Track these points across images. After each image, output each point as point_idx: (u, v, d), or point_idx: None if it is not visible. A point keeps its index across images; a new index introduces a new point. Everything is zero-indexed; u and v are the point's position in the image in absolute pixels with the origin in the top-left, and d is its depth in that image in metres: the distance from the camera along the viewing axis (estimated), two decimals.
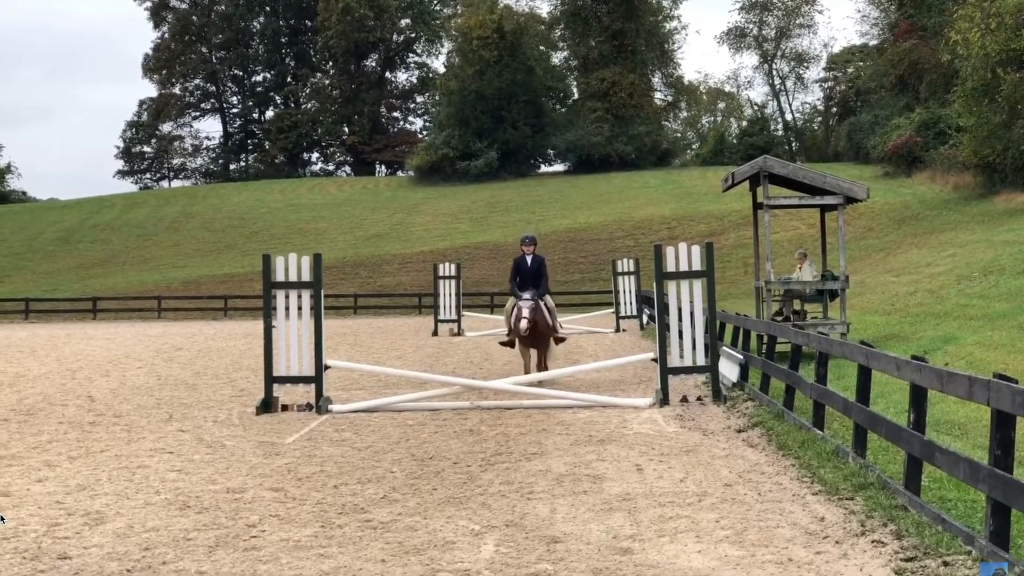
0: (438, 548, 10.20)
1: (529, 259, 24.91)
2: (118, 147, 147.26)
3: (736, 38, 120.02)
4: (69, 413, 20.85)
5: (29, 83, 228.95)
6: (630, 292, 48.56)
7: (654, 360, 21.41)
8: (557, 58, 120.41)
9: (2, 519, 11.55)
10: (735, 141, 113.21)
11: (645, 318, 45.92)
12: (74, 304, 75.63)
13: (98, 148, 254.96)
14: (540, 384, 22.87)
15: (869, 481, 12.14)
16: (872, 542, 10.05)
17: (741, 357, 22.84)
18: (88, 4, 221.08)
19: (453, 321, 46.47)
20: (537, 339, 24.44)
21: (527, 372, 24.23)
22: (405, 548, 10.20)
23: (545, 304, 24.42)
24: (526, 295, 24.12)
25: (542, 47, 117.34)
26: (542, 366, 24.54)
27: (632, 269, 48.92)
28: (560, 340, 25.59)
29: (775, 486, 12.71)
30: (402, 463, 14.80)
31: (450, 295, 47.24)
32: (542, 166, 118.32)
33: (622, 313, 47.97)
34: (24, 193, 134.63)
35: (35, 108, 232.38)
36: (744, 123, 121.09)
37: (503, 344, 26.40)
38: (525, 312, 23.78)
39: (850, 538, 10.25)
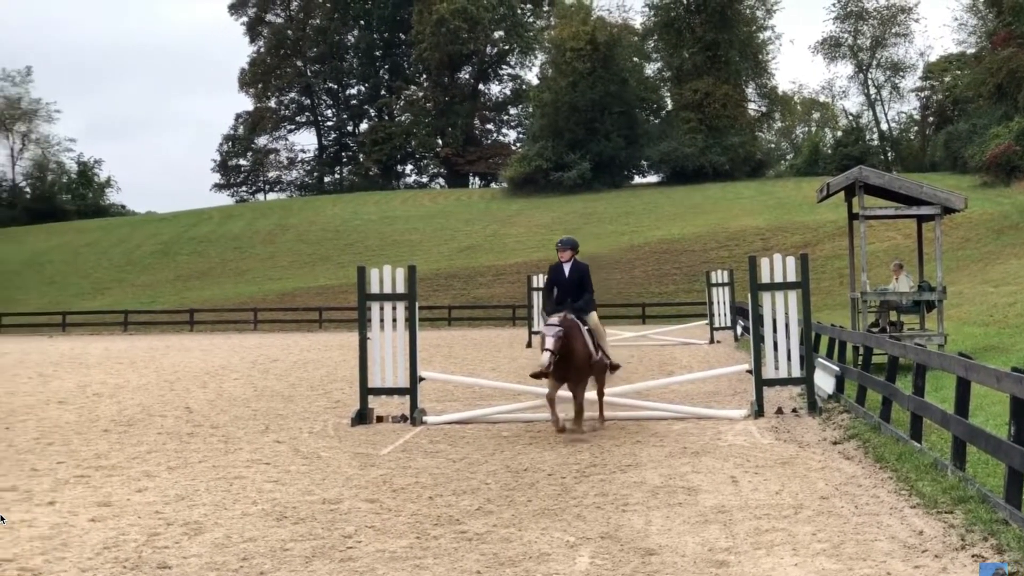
0: (533, 560, 10.20)
1: (567, 267, 19.90)
2: (215, 160, 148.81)
3: (831, 48, 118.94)
4: (168, 424, 21.08)
5: (129, 98, 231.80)
6: (724, 303, 48.44)
7: (749, 372, 21.32)
8: (650, 69, 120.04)
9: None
10: (830, 151, 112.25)
11: (739, 329, 45.71)
12: (172, 316, 76.64)
13: (195, 162, 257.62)
14: (631, 395, 22.72)
15: (969, 494, 11.99)
16: (972, 556, 9.92)
17: (837, 369, 22.64)
18: (187, 19, 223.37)
19: None
20: (572, 370, 18.86)
21: (555, 422, 18.88)
22: (500, 560, 10.21)
23: (586, 324, 19.22)
24: (553, 319, 18.79)
25: (635, 58, 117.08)
26: (580, 409, 19.22)
27: (726, 280, 48.77)
28: (614, 368, 20.14)
29: (872, 499, 12.58)
30: (497, 475, 14.82)
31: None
32: (635, 177, 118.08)
33: (716, 324, 47.86)
34: (123, 206, 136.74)
35: (134, 122, 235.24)
36: (839, 133, 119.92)
37: (533, 376, 19.69)
38: (549, 342, 18.41)
39: (949, 552, 10.13)
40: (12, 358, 44.59)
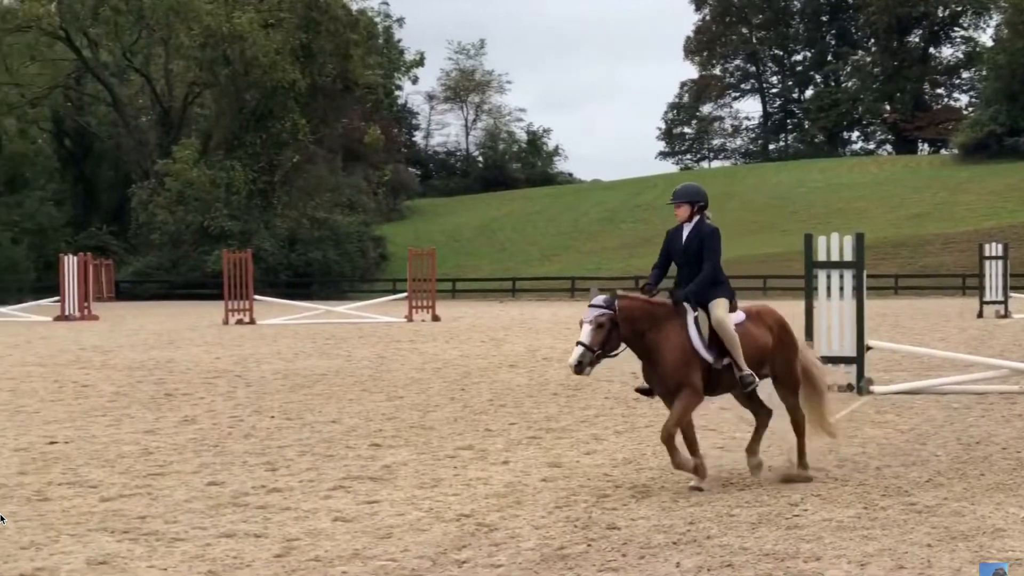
0: (987, 535, 9.91)
1: (686, 230, 13.05)
2: (659, 129, 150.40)
3: None
4: (614, 389, 21.46)
5: (577, 69, 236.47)
6: None
7: None
8: None
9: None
10: None
11: None
12: (617, 283, 77.76)
13: (640, 130, 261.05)
14: None
15: None
16: None
17: None
18: None
19: (1000, 303, 45.04)
20: (659, 378, 12.13)
21: (695, 469, 12.14)
22: (952, 533, 9.96)
23: (710, 321, 12.30)
24: (598, 298, 12.02)
25: None
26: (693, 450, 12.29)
27: None
28: (746, 383, 12.77)
29: None
30: (947, 447, 14.48)
31: (996, 276, 45.81)
32: None
33: None
34: (570, 175, 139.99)
35: (582, 93, 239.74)
36: None
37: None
38: (584, 331, 11.84)
39: None
40: (466, 322, 46.30)
